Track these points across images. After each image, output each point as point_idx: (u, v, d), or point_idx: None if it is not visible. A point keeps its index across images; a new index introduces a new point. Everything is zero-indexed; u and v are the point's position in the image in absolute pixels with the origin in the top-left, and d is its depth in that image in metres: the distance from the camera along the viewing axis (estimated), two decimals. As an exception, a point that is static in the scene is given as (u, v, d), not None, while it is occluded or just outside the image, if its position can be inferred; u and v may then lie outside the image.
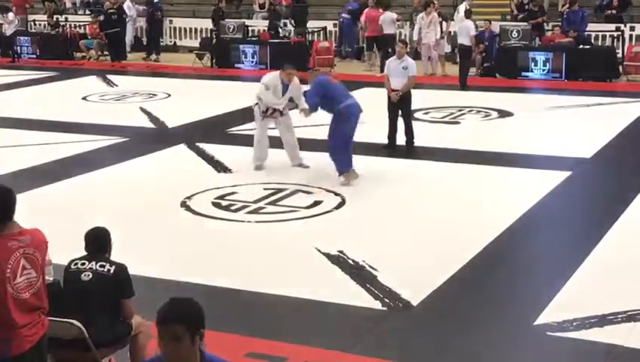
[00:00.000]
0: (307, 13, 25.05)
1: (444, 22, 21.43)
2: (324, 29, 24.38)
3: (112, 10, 24.65)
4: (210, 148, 13.45)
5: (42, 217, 5.62)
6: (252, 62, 22.78)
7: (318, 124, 14.75)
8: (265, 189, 11.08)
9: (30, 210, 4.94)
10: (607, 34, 21.76)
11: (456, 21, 21.48)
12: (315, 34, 24.17)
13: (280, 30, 23.67)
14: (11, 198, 4.81)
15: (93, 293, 5.56)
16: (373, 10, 22.25)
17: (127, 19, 25.25)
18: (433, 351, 6.75)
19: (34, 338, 4.82)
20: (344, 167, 11.31)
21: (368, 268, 8.26)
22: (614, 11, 22.89)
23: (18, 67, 23.75)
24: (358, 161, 11.90)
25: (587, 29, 21.36)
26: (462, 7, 22.01)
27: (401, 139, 13.15)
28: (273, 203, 10.54)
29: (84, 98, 18.49)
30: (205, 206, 10.42)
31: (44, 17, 27.37)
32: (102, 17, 24.77)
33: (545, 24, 22.05)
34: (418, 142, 13.15)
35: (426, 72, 20.60)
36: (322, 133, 13.09)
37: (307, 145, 12.55)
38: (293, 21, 24.52)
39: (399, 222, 9.84)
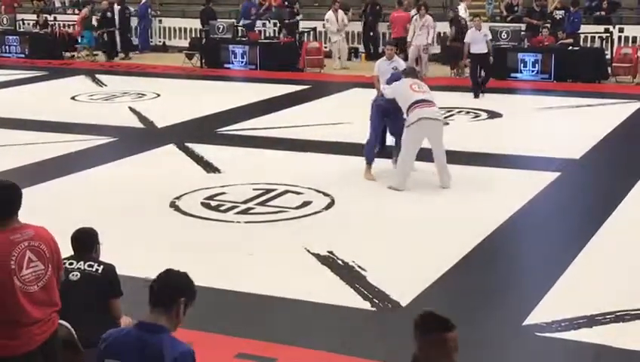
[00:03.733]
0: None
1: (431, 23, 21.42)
2: (314, 29, 24.37)
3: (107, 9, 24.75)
4: (199, 148, 13.42)
5: (30, 217, 5.57)
6: (241, 62, 22.77)
7: (310, 124, 14.82)
8: (254, 190, 11.07)
9: (20, 210, 4.93)
10: (596, 35, 21.83)
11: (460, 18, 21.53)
12: (305, 34, 24.16)
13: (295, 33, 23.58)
14: (16, 194, 4.83)
15: (81, 293, 5.53)
16: (398, 12, 22.32)
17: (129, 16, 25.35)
18: (422, 351, 6.76)
19: (43, 337, 4.80)
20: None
21: (357, 269, 8.27)
22: (603, 13, 22.98)
23: (6, 66, 23.65)
24: (348, 161, 11.93)
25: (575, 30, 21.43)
26: (461, 8, 22.10)
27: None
28: (262, 203, 10.53)
29: (73, 98, 18.45)
30: (194, 206, 10.41)
31: (33, 17, 27.28)
32: (99, 15, 24.78)
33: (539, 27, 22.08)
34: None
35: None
36: (312, 135, 13.17)
37: (297, 145, 12.56)
38: (278, 22, 24.51)
39: (388, 223, 9.85)
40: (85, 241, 5.78)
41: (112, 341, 3.93)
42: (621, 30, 22.19)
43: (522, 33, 21.70)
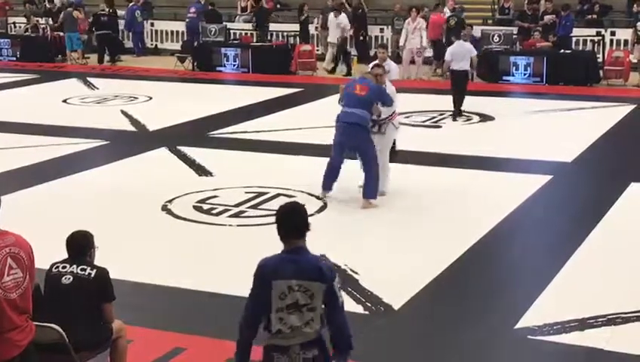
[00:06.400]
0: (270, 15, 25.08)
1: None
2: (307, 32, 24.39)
3: (102, 12, 24.65)
4: (191, 151, 13.40)
5: (22, 221, 5.56)
6: (234, 65, 22.77)
7: (302, 127, 14.79)
8: (246, 193, 11.06)
9: (9, 213, 4.89)
10: (588, 39, 21.88)
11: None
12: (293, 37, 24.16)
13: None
14: None
15: (73, 297, 5.51)
16: (433, 14, 22.30)
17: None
18: (414, 354, 6.76)
19: (22, 343, 4.74)
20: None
21: (350, 272, 8.25)
22: (595, 16, 23.04)
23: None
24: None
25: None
26: (446, 10, 22.18)
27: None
28: (254, 206, 10.52)
29: (64, 101, 18.41)
30: (186, 209, 10.39)
31: (25, 20, 27.22)
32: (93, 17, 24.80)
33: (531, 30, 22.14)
34: (399, 145, 13.14)
35: (409, 76, 20.68)
36: (304, 138, 13.11)
37: (289, 148, 12.54)
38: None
39: (380, 226, 9.84)
40: (80, 244, 5.73)
41: (267, 265, 4.89)
42: (613, 33, 22.28)
43: (514, 36, 21.77)
